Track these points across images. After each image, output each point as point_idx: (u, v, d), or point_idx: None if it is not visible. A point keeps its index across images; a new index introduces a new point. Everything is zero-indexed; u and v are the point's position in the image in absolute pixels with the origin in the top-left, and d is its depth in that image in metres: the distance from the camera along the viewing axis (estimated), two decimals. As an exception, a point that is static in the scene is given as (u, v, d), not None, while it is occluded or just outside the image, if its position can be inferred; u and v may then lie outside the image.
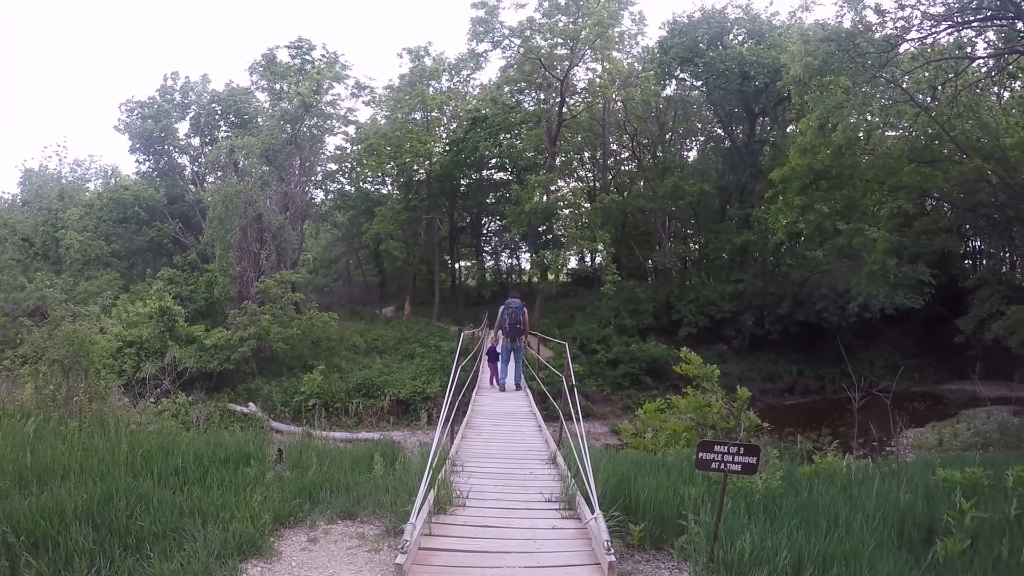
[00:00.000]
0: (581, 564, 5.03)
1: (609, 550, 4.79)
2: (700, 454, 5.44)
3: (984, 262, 39.03)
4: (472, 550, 5.28)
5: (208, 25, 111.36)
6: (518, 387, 15.99)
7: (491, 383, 16.98)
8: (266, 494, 6.59)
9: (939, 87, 22.66)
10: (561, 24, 35.49)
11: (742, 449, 5.40)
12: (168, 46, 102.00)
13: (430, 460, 6.00)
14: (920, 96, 24.07)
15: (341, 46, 59.23)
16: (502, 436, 10.44)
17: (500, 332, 16.44)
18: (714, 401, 10.46)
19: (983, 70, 23.68)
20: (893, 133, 29.48)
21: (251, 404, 25.83)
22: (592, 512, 5.51)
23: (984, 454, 12.15)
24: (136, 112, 41.28)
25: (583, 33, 34.78)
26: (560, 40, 36.07)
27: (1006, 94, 27.80)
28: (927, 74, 22.76)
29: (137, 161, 43.72)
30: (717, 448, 5.41)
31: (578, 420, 7.35)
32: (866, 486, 7.44)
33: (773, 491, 6.86)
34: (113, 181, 46.60)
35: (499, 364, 16.84)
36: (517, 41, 36.91)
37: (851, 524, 6.08)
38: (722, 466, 5.39)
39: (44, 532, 5.19)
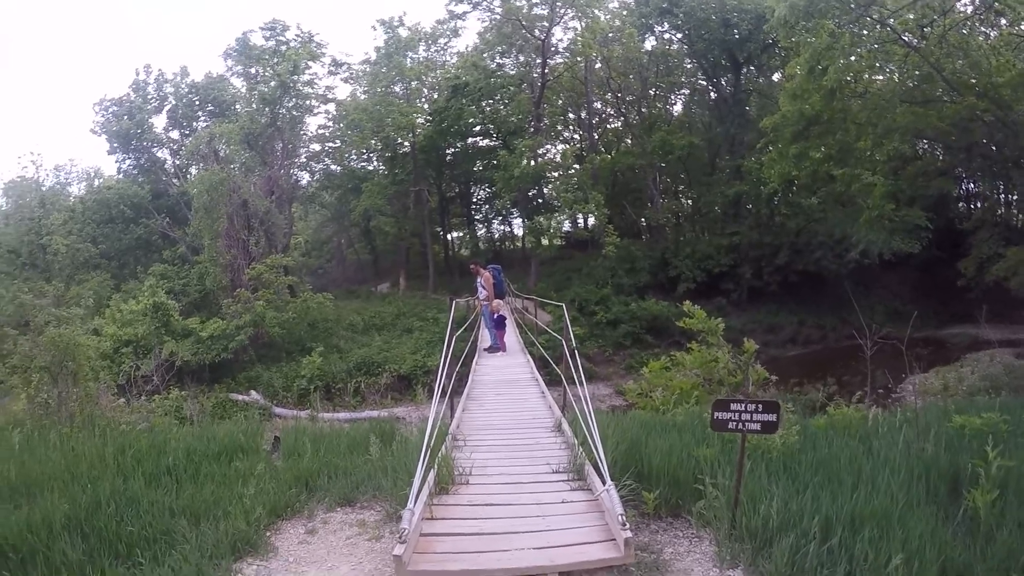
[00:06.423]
0: (595, 541, 4.71)
1: (624, 525, 4.47)
2: (716, 414, 5.03)
3: (980, 204, 38.71)
4: (477, 532, 4.98)
5: (183, 17, 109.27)
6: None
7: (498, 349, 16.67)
8: (259, 486, 6.31)
9: (927, 27, 22.21)
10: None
11: (760, 406, 4.98)
12: (143, 41, 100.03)
13: (426, 439, 5.64)
14: (908, 37, 23.65)
15: (316, 23, 58.38)
16: (505, 405, 10.14)
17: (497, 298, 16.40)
18: (721, 355, 10.16)
19: (969, 9, 23.25)
20: (880, 77, 29.04)
21: (252, 392, 25.60)
22: (604, 484, 5.17)
23: (993, 398, 11.81)
24: (111, 110, 40.84)
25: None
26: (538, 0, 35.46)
27: (993, 32, 27.34)
28: (912, 15, 22.33)
29: (117, 161, 43.41)
30: (734, 407, 4.99)
31: (581, 385, 7.01)
32: (885, 438, 7.14)
33: (791, 447, 6.54)
34: (96, 183, 46.19)
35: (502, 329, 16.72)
36: (497, 2, 36.27)
37: (876, 479, 5.76)
38: (740, 426, 4.98)
39: (32, 547, 4.92)
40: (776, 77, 39.12)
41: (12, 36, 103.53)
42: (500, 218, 54.83)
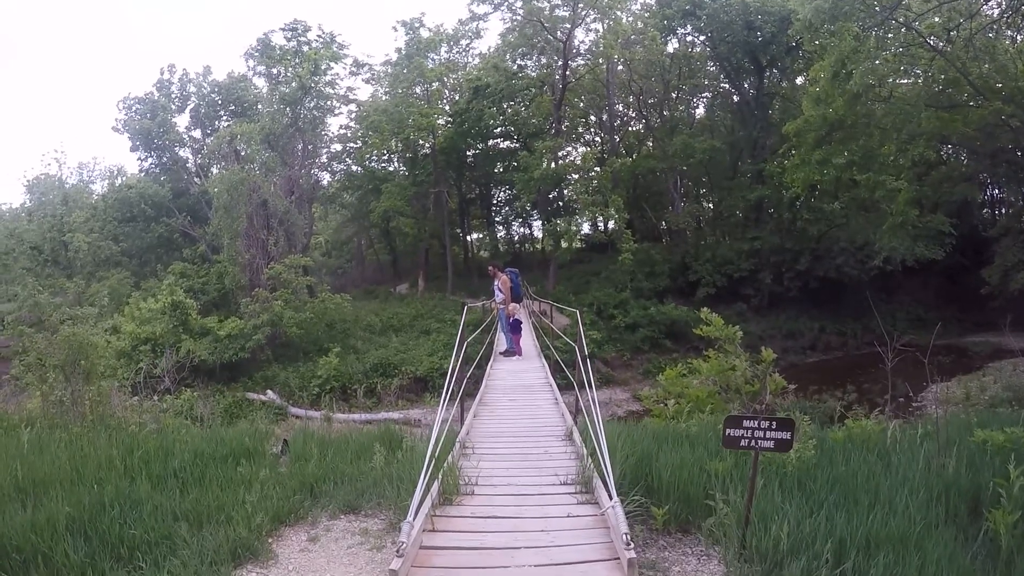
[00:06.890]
0: (598, 559, 4.57)
1: (628, 545, 4.31)
2: (728, 431, 4.85)
3: (1005, 210, 38.19)
4: (478, 546, 4.85)
5: (207, 18, 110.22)
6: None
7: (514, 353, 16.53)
8: (264, 492, 6.24)
9: (953, 31, 21.91)
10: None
11: (774, 424, 4.79)
12: (167, 41, 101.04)
13: (430, 449, 5.51)
14: (933, 40, 23.36)
15: (337, 23, 58.51)
16: (516, 412, 10.01)
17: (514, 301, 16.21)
18: (738, 363, 9.96)
19: (995, 13, 22.88)
20: (906, 81, 28.70)
21: (269, 392, 25.59)
22: (610, 499, 5.04)
23: (1017, 410, 11.46)
24: (134, 109, 41.12)
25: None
26: (560, 1, 35.33)
27: (1020, 36, 26.92)
28: (938, 18, 22.04)
29: (139, 159, 43.73)
30: (746, 423, 4.81)
31: (592, 396, 6.83)
32: (905, 453, 6.92)
33: (806, 462, 6.35)
34: (118, 181, 46.59)
35: (517, 333, 16.56)
36: (519, 3, 36.19)
37: (894, 499, 5.55)
38: (752, 443, 4.80)
39: (34, 547, 4.91)
40: (800, 80, 38.83)
41: (40, 32, 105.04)
42: (520, 220, 54.79)
